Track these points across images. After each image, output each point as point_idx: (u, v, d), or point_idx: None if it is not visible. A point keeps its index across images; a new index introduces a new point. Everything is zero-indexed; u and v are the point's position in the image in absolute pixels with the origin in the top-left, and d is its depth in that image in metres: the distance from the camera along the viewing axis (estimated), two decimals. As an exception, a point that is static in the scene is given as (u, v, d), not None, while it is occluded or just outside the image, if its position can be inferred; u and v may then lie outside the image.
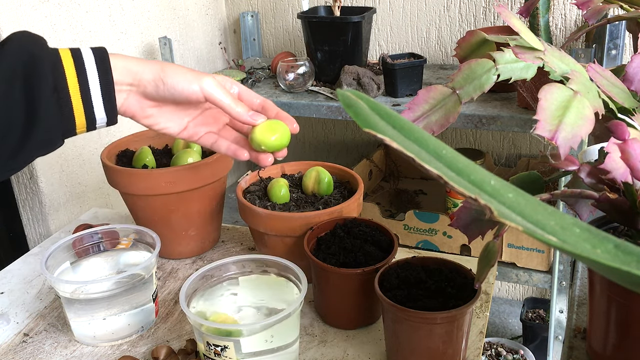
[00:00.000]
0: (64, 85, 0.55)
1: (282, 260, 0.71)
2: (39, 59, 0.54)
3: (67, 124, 0.56)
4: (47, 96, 0.54)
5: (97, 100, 0.57)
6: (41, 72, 0.53)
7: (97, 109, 0.57)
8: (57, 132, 0.56)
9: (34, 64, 0.53)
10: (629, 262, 0.24)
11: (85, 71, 0.56)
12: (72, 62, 0.56)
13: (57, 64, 0.55)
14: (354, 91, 0.31)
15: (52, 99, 0.54)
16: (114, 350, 0.74)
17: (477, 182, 0.27)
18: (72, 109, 0.56)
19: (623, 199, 0.50)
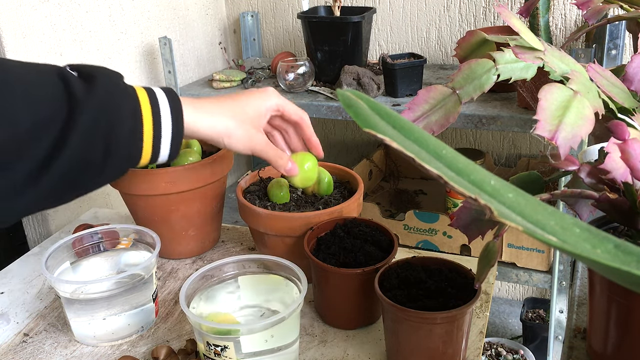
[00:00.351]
0: (140, 133, 0.60)
1: (282, 260, 0.71)
2: (121, 106, 0.58)
3: (132, 164, 0.61)
4: (125, 142, 0.58)
5: (165, 148, 0.62)
6: (123, 118, 0.58)
7: (162, 154, 0.63)
8: (123, 170, 0.61)
9: (117, 110, 0.57)
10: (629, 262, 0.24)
11: (160, 121, 0.61)
12: (149, 110, 0.60)
13: (137, 111, 0.59)
14: (354, 91, 0.31)
15: (129, 143, 0.59)
16: (114, 350, 0.74)
17: (477, 182, 0.27)
18: (142, 150, 0.60)
19: (623, 199, 0.50)
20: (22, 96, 0.52)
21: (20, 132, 0.51)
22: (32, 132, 0.52)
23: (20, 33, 1.18)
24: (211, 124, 0.66)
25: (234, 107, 0.69)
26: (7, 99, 0.51)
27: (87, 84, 0.56)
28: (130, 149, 0.59)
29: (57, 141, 0.53)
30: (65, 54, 1.29)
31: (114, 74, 0.60)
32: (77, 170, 0.55)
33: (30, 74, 0.55)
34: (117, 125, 0.57)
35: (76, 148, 0.54)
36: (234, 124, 0.68)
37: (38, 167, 0.52)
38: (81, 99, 0.54)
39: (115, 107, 0.57)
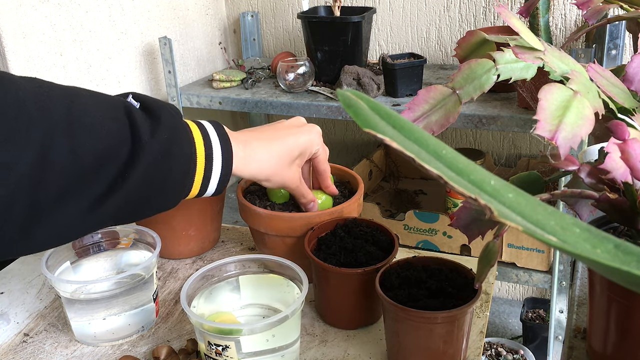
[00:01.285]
0: (192, 175, 0.63)
1: (283, 260, 0.71)
2: (180, 151, 0.61)
3: (180, 197, 0.64)
4: (177, 183, 0.62)
5: (212, 187, 0.66)
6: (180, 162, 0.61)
7: (208, 192, 0.66)
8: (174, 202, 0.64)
9: (176, 153, 0.60)
10: (629, 262, 0.24)
11: (212, 166, 0.64)
12: (203, 154, 0.63)
13: (193, 155, 0.62)
14: (354, 91, 0.31)
15: (181, 185, 0.62)
16: (115, 350, 0.74)
17: (477, 182, 0.27)
18: (191, 188, 0.64)
19: (623, 199, 0.50)
20: (90, 131, 0.54)
21: (83, 167, 0.53)
22: (95, 167, 0.54)
23: (20, 33, 1.18)
24: (257, 170, 0.70)
25: (281, 151, 0.71)
26: (75, 134, 0.53)
27: (152, 124, 0.58)
28: (181, 188, 0.62)
29: (117, 178, 0.55)
30: (65, 54, 1.29)
31: (175, 114, 0.62)
32: (130, 204, 0.58)
33: (99, 109, 0.56)
34: (174, 168, 0.60)
35: (134, 186, 0.56)
36: (277, 171, 0.71)
37: (96, 201, 0.54)
38: (145, 141, 0.57)
39: (176, 150, 0.60)
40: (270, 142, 0.71)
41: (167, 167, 0.59)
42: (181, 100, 1.55)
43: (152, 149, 0.57)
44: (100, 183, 0.54)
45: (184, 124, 0.63)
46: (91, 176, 0.53)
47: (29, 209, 0.51)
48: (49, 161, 0.51)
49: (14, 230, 0.51)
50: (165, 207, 0.63)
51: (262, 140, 0.70)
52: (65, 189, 0.52)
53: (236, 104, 1.50)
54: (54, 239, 0.56)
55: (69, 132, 0.52)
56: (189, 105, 1.55)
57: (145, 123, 0.58)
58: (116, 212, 0.57)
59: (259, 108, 1.47)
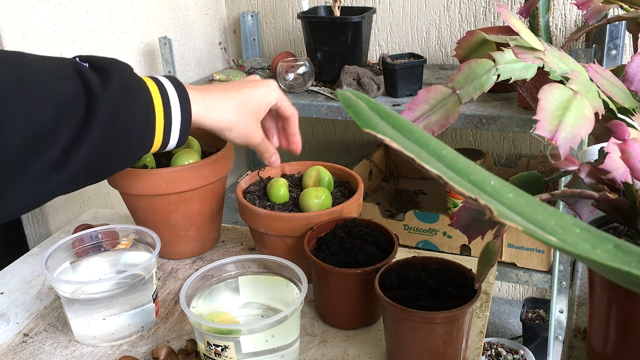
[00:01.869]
0: (152, 124, 0.63)
1: (282, 260, 0.71)
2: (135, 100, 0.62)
3: (144, 152, 0.64)
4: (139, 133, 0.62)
5: (174, 137, 0.66)
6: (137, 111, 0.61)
7: (171, 142, 0.66)
8: (136, 158, 0.64)
9: (132, 103, 0.61)
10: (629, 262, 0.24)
11: (170, 113, 0.65)
12: (160, 103, 0.64)
13: (150, 104, 0.63)
14: (354, 91, 0.31)
15: (142, 134, 0.63)
16: (114, 351, 0.74)
17: (477, 182, 0.27)
18: (154, 139, 0.64)
19: (623, 199, 0.50)
20: (42, 92, 0.55)
21: (41, 128, 0.54)
22: (53, 127, 0.55)
23: (20, 33, 1.18)
24: (218, 118, 0.70)
25: (238, 100, 0.72)
26: (29, 96, 0.54)
27: (103, 78, 0.59)
28: (144, 139, 0.63)
29: (77, 135, 0.56)
30: (65, 54, 1.29)
31: (125, 66, 0.63)
32: (95, 160, 0.58)
33: (48, 70, 0.57)
34: (132, 118, 0.60)
35: (95, 141, 0.57)
36: (238, 120, 0.71)
37: (59, 159, 0.56)
38: (99, 94, 0.57)
39: (130, 101, 0.60)
40: (227, 92, 0.72)
41: (125, 117, 0.60)
42: (181, 100, 1.55)
43: (107, 101, 0.58)
44: (61, 141, 0.55)
45: (136, 76, 0.64)
46: (51, 136, 0.55)
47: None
48: (5, 125, 0.52)
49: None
50: (131, 160, 0.63)
51: (219, 91, 0.71)
52: (26, 151, 0.53)
53: (236, 104, 1.49)
54: (26, 201, 0.57)
55: (21, 95, 0.53)
56: (188, 105, 1.55)
57: (96, 78, 0.58)
58: (81, 169, 0.58)
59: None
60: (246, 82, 0.75)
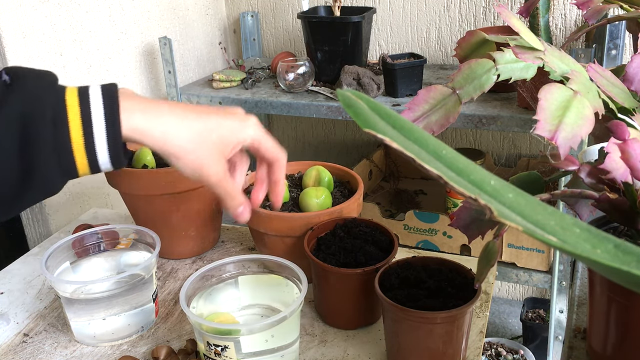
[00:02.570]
0: (66, 143, 0.52)
1: (282, 260, 0.71)
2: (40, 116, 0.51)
3: (69, 175, 0.53)
4: (46, 156, 0.51)
5: (103, 155, 0.53)
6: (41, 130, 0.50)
7: (102, 162, 0.54)
8: (56, 184, 0.53)
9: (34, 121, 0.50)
10: (629, 262, 0.24)
11: (92, 126, 0.52)
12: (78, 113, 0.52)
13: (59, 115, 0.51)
14: (354, 91, 0.31)
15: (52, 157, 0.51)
16: (114, 350, 0.74)
17: (477, 182, 0.27)
18: (74, 159, 0.52)
19: (623, 199, 0.50)
20: None
21: None
22: None
23: (20, 33, 1.18)
24: (162, 138, 0.55)
25: (199, 125, 0.57)
26: None
27: (6, 91, 0.50)
28: (58, 162, 0.52)
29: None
30: (65, 54, 1.29)
31: (45, 74, 0.53)
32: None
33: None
34: (34, 140, 0.50)
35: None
36: (189, 147, 0.56)
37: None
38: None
39: (32, 118, 0.50)
40: (186, 112, 0.57)
41: (23, 135, 0.50)
42: (181, 100, 1.55)
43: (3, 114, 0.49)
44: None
45: (54, 84, 0.53)
46: None
47: None
48: None
49: None
50: (47, 188, 0.53)
51: (177, 108, 0.57)
52: None
53: (236, 104, 1.50)
54: None
55: None
56: (188, 105, 1.55)
57: (1, 87, 0.50)
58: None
59: (259, 108, 1.47)
60: (220, 110, 0.60)
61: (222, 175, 0.59)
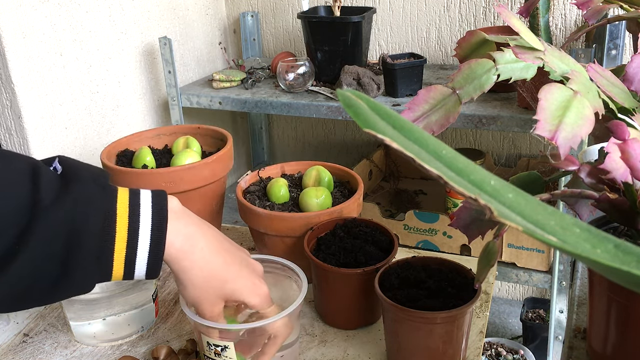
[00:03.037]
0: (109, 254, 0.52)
1: (282, 260, 0.71)
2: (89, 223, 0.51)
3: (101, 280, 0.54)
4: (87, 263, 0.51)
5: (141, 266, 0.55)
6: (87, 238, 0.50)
7: (137, 274, 0.55)
8: (88, 287, 0.54)
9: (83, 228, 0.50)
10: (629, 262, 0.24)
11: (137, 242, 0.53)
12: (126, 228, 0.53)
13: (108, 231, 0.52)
14: (354, 91, 0.31)
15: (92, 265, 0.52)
16: (114, 350, 0.74)
17: (477, 182, 0.27)
18: (111, 274, 0.54)
19: (623, 199, 0.50)
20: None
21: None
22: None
23: (20, 33, 1.18)
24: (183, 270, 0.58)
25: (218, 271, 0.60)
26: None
27: (59, 189, 0.50)
28: (95, 271, 0.52)
29: (9, 251, 0.47)
30: (65, 54, 1.29)
31: (99, 175, 0.53)
32: (29, 283, 0.49)
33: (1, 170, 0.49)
34: (79, 246, 0.50)
35: (28, 262, 0.48)
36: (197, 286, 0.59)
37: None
38: (45, 208, 0.48)
39: (82, 223, 0.50)
40: (216, 254, 0.60)
41: (68, 240, 0.49)
42: (181, 100, 1.55)
43: (51, 218, 0.48)
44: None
45: (105, 191, 0.53)
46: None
47: None
48: None
49: None
50: (79, 289, 0.53)
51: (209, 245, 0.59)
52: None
53: (236, 104, 1.50)
54: None
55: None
56: (189, 105, 1.55)
57: (52, 188, 0.49)
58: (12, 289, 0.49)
59: (259, 108, 1.47)
60: (243, 262, 0.63)
61: (215, 318, 0.61)
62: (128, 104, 1.50)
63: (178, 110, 1.56)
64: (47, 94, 1.25)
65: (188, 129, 1.01)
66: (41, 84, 1.24)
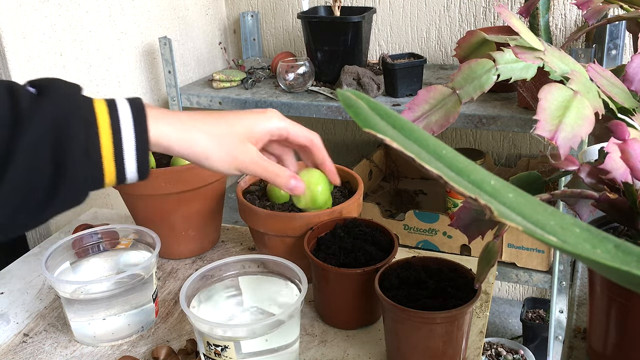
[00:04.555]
0: (97, 147, 0.52)
1: (282, 260, 0.71)
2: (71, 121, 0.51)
3: (95, 184, 0.54)
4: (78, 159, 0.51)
5: (131, 165, 0.54)
6: (73, 133, 0.51)
7: (129, 172, 0.55)
8: (83, 192, 0.54)
9: (66, 125, 0.51)
10: (629, 262, 0.24)
11: (120, 134, 0.53)
12: (108, 123, 0.53)
13: (91, 124, 0.52)
14: (354, 91, 0.31)
15: (83, 161, 0.52)
16: (114, 351, 0.74)
17: (477, 182, 0.27)
18: (103, 169, 0.53)
19: (623, 199, 0.50)
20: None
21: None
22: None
23: (20, 33, 1.18)
24: (186, 140, 0.57)
25: (218, 123, 0.60)
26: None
27: (37, 98, 0.51)
28: (88, 168, 0.52)
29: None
30: (65, 54, 1.29)
31: (70, 85, 0.54)
32: (22, 194, 0.49)
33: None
34: (67, 142, 0.50)
35: (19, 169, 0.48)
36: (214, 143, 0.59)
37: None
38: (26, 115, 0.49)
39: (64, 121, 0.51)
40: (205, 115, 0.60)
41: (56, 142, 0.50)
42: (181, 100, 1.55)
43: (34, 122, 0.49)
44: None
45: (81, 96, 0.54)
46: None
47: None
48: None
49: None
50: (73, 196, 0.53)
51: (196, 116, 0.60)
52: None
53: (236, 104, 1.50)
54: None
55: None
56: (189, 105, 1.55)
57: (29, 98, 0.50)
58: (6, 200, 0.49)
59: (259, 108, 1.47)
60: (239, 111, 0.63)
61: (256, 159, 0.61)
62: (128, 104, 1.50)
63: (178, 110, 1.56)
64: (47, 94, 1.25)
65: (188, 129, 1.01)
66: (41, 84, 1.24)
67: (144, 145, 0.54)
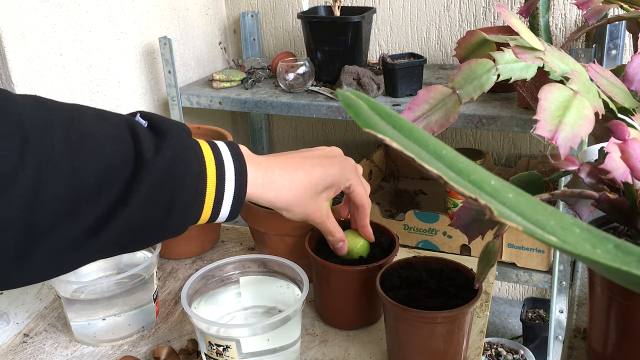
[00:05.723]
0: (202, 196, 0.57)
1: (283, 260, 0.71)
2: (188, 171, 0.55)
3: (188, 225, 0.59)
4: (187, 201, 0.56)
5: (225, 211, 0.60)
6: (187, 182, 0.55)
7: (221, 216, 0.61)
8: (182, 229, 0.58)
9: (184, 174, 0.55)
10: (629, 262, 0.24)
11: (223, 187, 0.58)
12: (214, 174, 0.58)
13: (202, 175, 0.57)
14: (354, 91, 0.31)
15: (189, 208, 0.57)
16: (115, 351, 0.74)
17: (477, 182, 0.27)
18: (202, 212, 0.59)
19: (623, 199, 0.50)
20: (91, 153, 0.50)
21: (82, 191, 0.49)
22: (94, 190, 0.50)
23: (20, 33, 1.18)
24: (274, 201, 0.63)
25: (305, 182, 0.65)
26: (77, 156, 0.50)
27: (157, 142, 0.55)
28: (191, 211, 0.57)
29: (118, 200, 0.51)
30: (65, 54, 1.29)
31: (183, 131, 0.58)
32: (135, 229, 0.53)
33: (101, 127, 0.53)
34: (180, 189, 0.55)
35: (137, 208, 0.52)
36: (296, 202, 0.65)
37: (95, 223, 0.51)
38: (149, 159, 0.53)
39: (181, 170, 0.55)
40: (295, 170, 0.65)
41: (172, 186, 0.54)
42: (181, 100, 1.55)
43: (156, 167, 0.53)
44: (101, 204, 0.50)
45: (193, 141, 0.59)
46: (90, 198, 0.50)
47: (23, 233, 0.47)
48: (45, 182, 0.47)
49: (8, 259, 0.48)
50: (174, 232, 0.58)
51: (285, 168, 0.64)
52: (62, 211, 0.49)
53: (236, 104, 1.50)
54: (51, 267, 0.51)
55: (68, 153, 0.49)
56: (188, 105, 1.56)
57: (150, 141, 0.54)
58: (118, 237, 0.52)
59: (259, 108, 1.47)
60: (321, 158, 0.67)
61: (325, 218, 0.69)
62: (128, 104, 1.50)
63: (178, 110, 1.56)
64: (47, 94, 1.25)
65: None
66: (41, 84, 1.24)
67: (241, 197, 0.60)
